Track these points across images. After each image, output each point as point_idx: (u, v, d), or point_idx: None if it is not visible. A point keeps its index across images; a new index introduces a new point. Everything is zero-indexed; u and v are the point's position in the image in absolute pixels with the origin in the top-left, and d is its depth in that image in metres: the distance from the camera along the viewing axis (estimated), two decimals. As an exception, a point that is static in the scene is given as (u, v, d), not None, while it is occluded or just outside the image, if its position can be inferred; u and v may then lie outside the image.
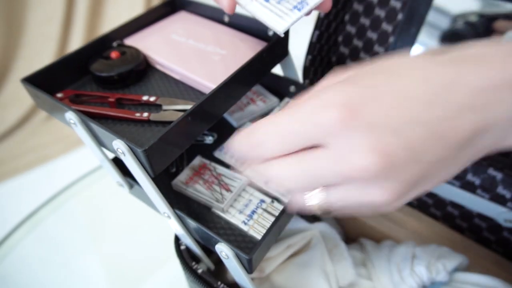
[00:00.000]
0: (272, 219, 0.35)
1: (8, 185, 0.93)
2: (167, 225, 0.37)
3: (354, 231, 0.50)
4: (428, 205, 0.48)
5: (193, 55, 0.40)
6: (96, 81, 0.39)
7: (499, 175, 0.39)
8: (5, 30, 1.08)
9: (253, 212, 0.36)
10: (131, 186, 0.37)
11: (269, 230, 0.31)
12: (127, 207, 0.77)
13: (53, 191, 0.83)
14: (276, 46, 0.39)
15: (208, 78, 0.36)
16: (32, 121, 1.10)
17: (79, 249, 0.74)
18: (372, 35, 0.49)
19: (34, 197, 0.83)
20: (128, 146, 0.29)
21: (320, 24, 0.48)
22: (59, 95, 0.37)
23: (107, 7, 1.23)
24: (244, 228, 0.34)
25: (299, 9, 0.28)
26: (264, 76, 0.40)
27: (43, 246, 0.75)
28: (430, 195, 0.46)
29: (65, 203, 0.82)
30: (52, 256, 0.74)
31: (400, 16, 0.46)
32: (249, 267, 0.30)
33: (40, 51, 1.15)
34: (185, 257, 0.36)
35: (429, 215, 0.49)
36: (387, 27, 0.47)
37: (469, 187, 0.41)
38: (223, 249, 0.30)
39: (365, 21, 0.49)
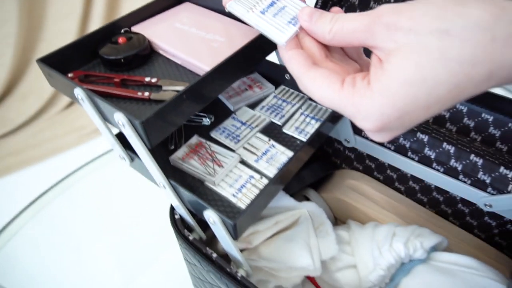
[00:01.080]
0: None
1: (24, 174, 0.96)
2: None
3: (343, 214, 0.52)
4: (415, 191, 0.50)
5: (193, 41, 0.43)
6: (104, 63, 0.42)
7: (480, 161, 0.41)
8: (26, 25, 1.13)
9: (243, 186, 0.38)
10: (132, 159, 0.40)
11: (253, 200, 0.34)
12: (132, 195, 0.81)
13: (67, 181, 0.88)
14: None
15: (204, 62, 0.39)
16: (49, 113, 1.15)
17: (85, 233, 0.77)
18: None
19: (47, 186, 0.87)
20: (127, 118, 0.32)
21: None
22: (70, 75, 0.40)
23: (124, 2, 1.27)
24: (233, 200, 0.37)
25: (293, 24, 0.31)
26: (258, 62, 0.43)
27: (48, 228, 0.79)
28: (417, 180, 0.48)
29: (71, 187, 0.86)
30: (58, 236, 0.77)
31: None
32: (234, 233, 0.33)
33: (58, 45, 1.20)
34: (179, 225, 0.39)
35: (416, 201, 0.51)
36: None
37: (452, 172, 0.43)
38: (210, 215, 0.33)
39: (360, 14, 0.51)
